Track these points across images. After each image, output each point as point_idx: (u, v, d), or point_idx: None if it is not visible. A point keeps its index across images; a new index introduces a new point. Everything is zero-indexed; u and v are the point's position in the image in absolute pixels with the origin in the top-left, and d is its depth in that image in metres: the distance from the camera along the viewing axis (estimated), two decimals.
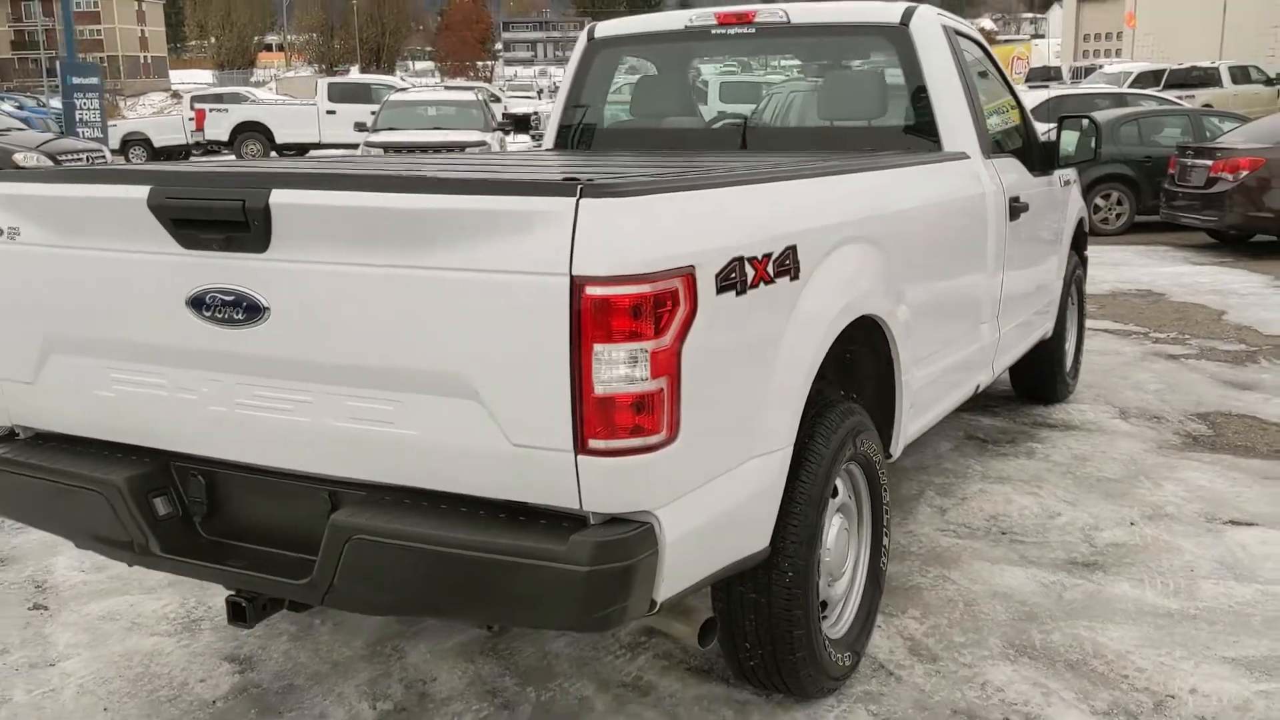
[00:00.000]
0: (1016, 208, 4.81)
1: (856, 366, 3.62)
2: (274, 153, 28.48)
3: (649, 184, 2.49)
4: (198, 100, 32.47)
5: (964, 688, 3.43)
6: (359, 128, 18.73)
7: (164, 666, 3.65)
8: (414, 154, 14.07)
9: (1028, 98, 14.79)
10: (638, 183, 2.46)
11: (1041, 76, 37.03)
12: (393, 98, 19.32)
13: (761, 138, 5.07)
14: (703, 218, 2.62)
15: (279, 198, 2.55)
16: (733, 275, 2.63)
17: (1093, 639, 3.70)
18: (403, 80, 34.27)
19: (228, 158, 28.07)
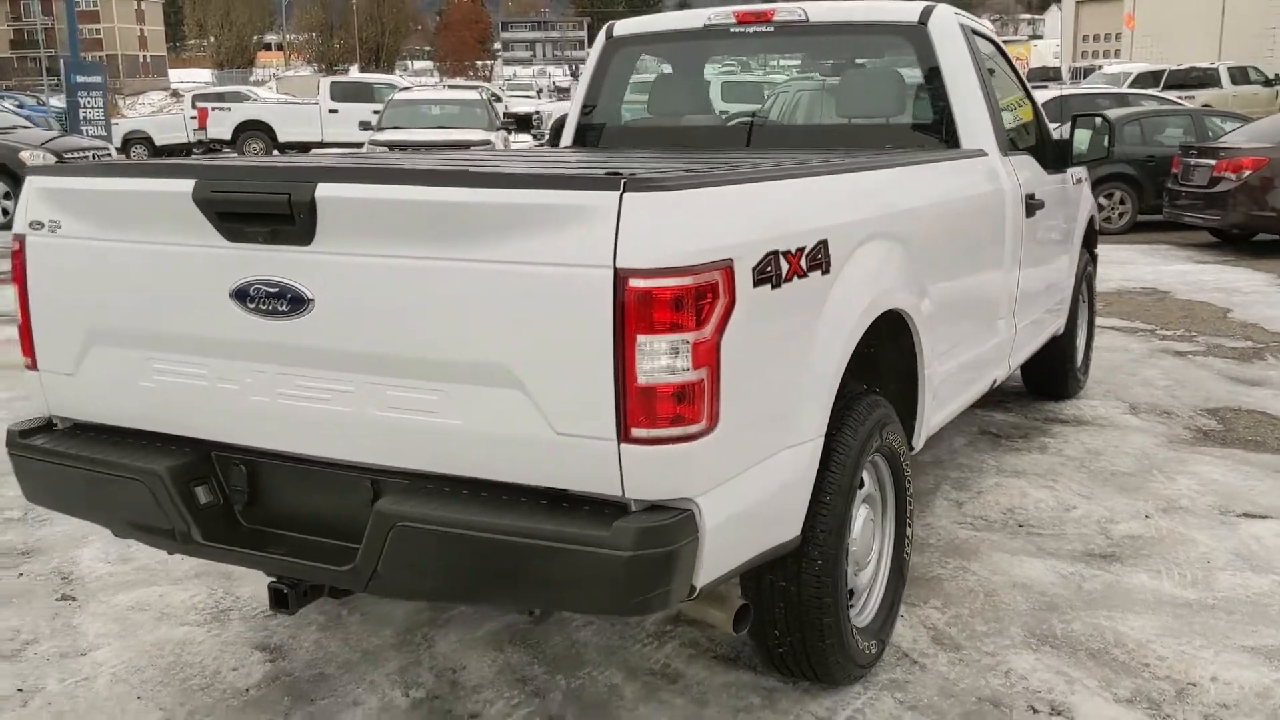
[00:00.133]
0: (1032, 205, 4.86)
1: (879, 360, 3.67)
2: (275, 151, 28.49)
3: (690, 178, 2.53)
4: (200, 99, 32.47)
5: (988, 676, 3.48)
6: (364, 126, 18.76)
7: (195, 656, 3.69)
8: (420, 152, 14.08)
9: None
10: (679, 177, 2.50)
11: (1040, 77, 37.03)
12: (397, 96, 19.34)
13: (780, 135, 5.12)
14: (740, 212, 2.66)
15: (325, 191, 2.59)
16: (768, 269, 2.68)
17: (1113, 628, 3.75)
18: (405, 80, 34.26)
19: (230, 156, 28.09)
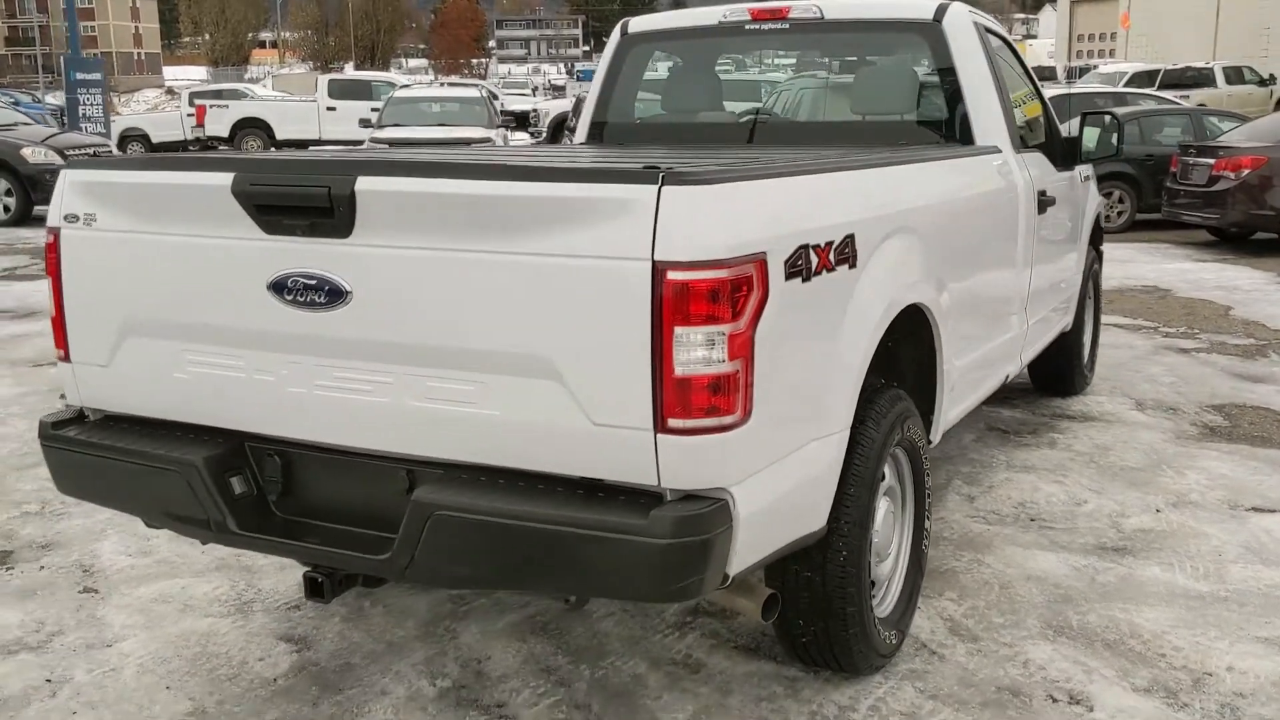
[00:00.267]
0: (1044, 201, 4.90)
1: (898, 355, 3.71)
2: (273, 149, 28.50)
3: (725, 173, 2.57)
4: (197, 96, 32.44)
5: (1006, 666, 3.52)
6: (364, 124, 18.78)
7: (221, 646, 3.72)
8: (423, 149, 14.12)
9: None
10: (715, 171, 2.54)
11: (1036, 76, 37.15)
12: (397, 94, 19.37)
13: (795, 133, 5.15)
14: (773, 206, 2.70)
15: (365, 184, 2.63)
16: (799, 262, 2.72)
17: (1128, 620, 3.80)
18: (404, 78, 34.25)
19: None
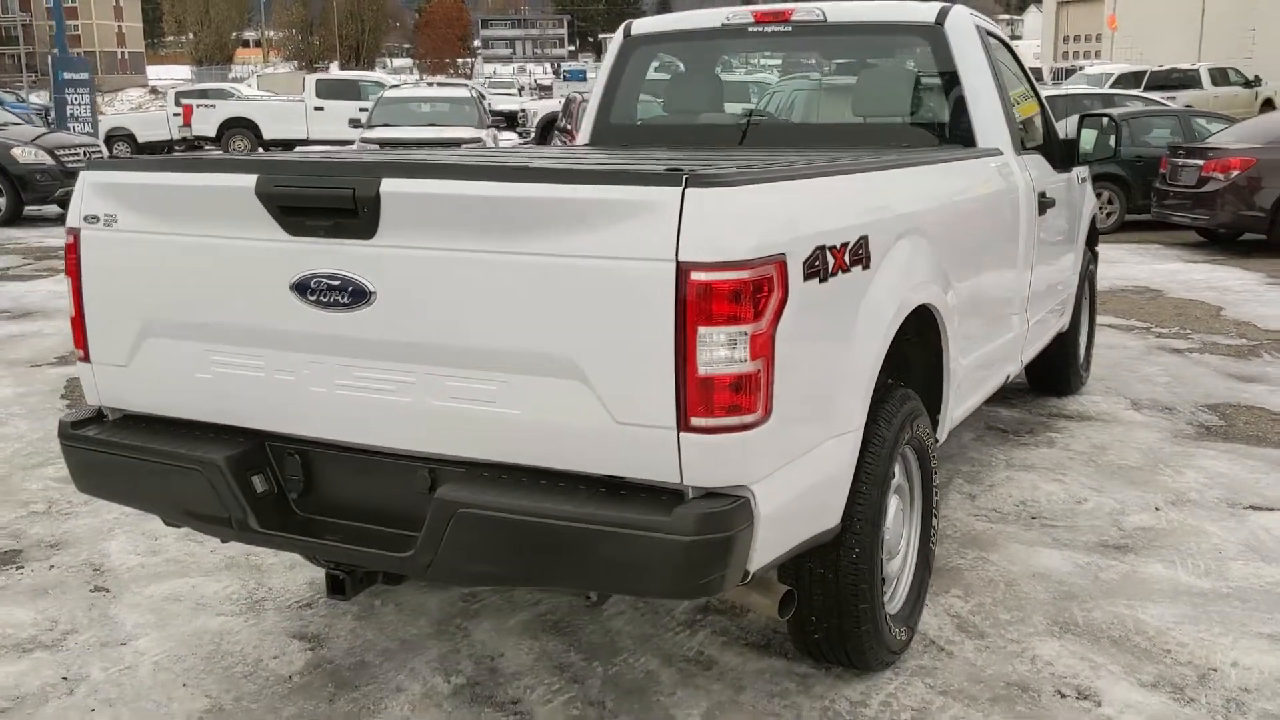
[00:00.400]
0: (1044, 203, 4.96)
1: (905, 354, 3.75)
2: (260, 149, 28.42)
3: (746, 175, 2.61)
4: (183, 96, 32.33)
5: (1014, 662, 3.57)
6: (354, 124, 18.77)
7: (235, 644, 3.74)
8: (413, 149, 14.11)
9: None
10: (736, 173, 2.58)
11: None
12: (387, 94, 19.34)
13: (800, 135, 5.19)
14: (792, 208, 2.74)
15: (389, 186, 2.66)
16: (817, 263, 2.76)
17: (1133, 616, 3.85)
18: (392, 78, 34.14)
19: (215, 153, 28.01)
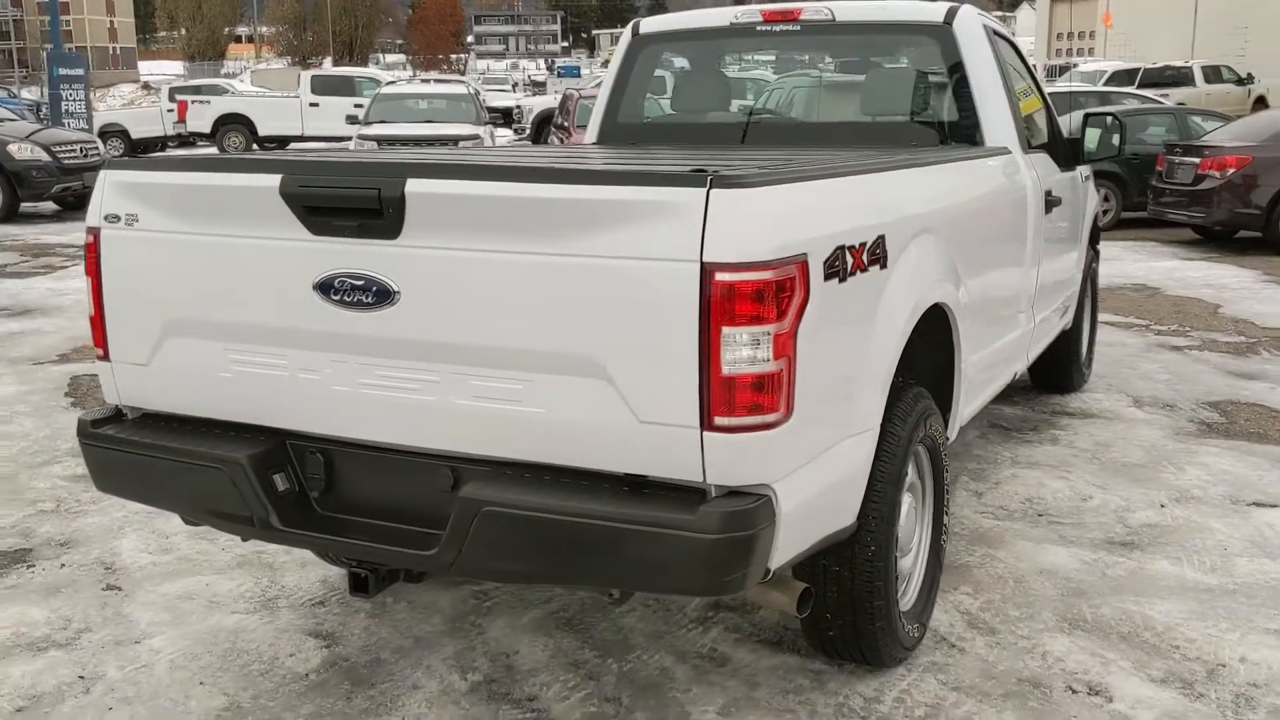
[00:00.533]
0: (1050, 201, 4.99)
1: (917, 353, 3.77)
2: (255, 145, 28.37)
3: (769, 175, 2.63)
4: (177, 92, 32.28)
5: (1025, 658, 3.60)
6: (350, 121, 18.76)
7: (251, 642, 3.76)
8: (409, 147, 14.13)
9: None
10: (760, 174, 2.60)
11: None
12: (384, 91, 19.34)
13: (809, 134, 5.20)
14: (813, 208, 2.77)
15: (415, 186, 2.67)
16: (836, 263, 2.79)
17: (1141, 612, 3.88)
18: (388, 74, 34.05)
19: (209, 150, 27.96)
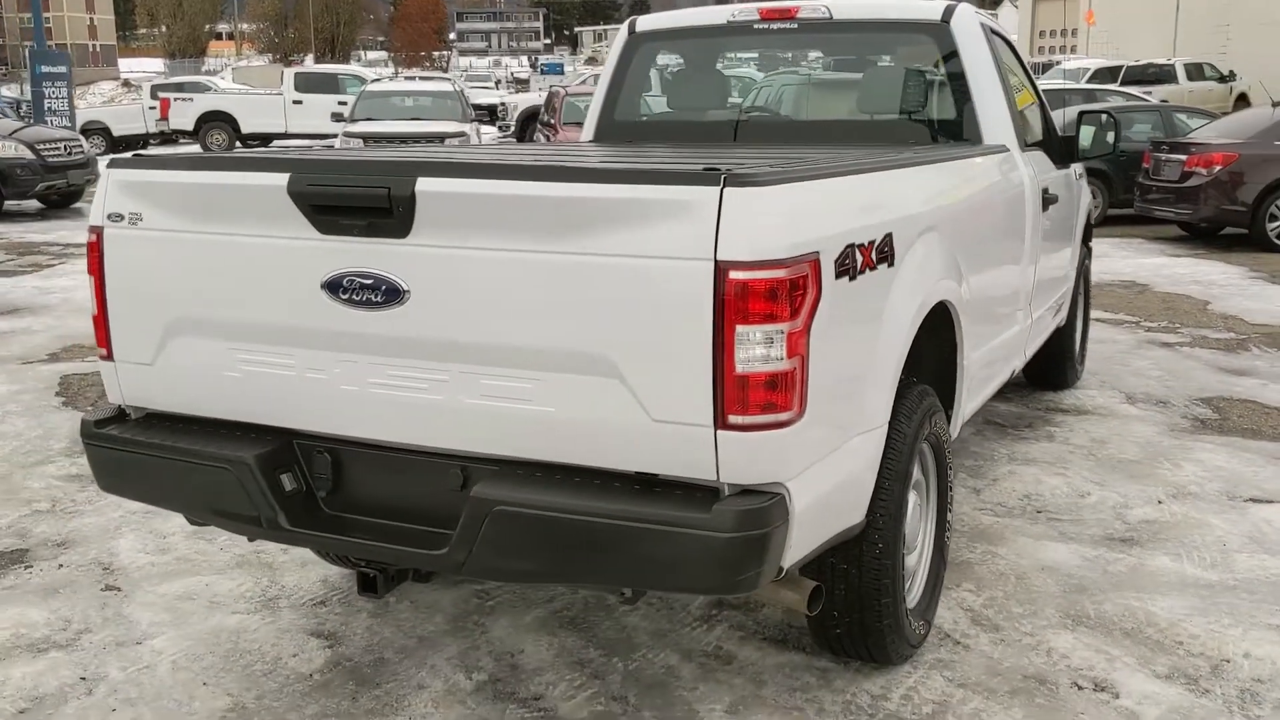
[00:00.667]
0: (1047, 199, 5.00)
1: (920, 351, 3.77)
2: (238, 143, 28.23)
3: (781, 173, 2.62)
4: (159, 89, 32.09)
5: (1030, 655, 3.61)
6: (336, 118, 18.69)
7: (253, 643, 3.74)
8: (397, 144, 14.07)
9: None
10: (772, 172, 2.59)
11: None
12: (369, 88, 19.26)
13: (803, 131, 5.21)
14: (824, 206, 2.77)
15: (425, 185, 2.66)
16: (847, 261, 2.78)
17: (1143, 608, 3.90)
18: (372, 72, 33.88)
19: (192, 148, 27.82)
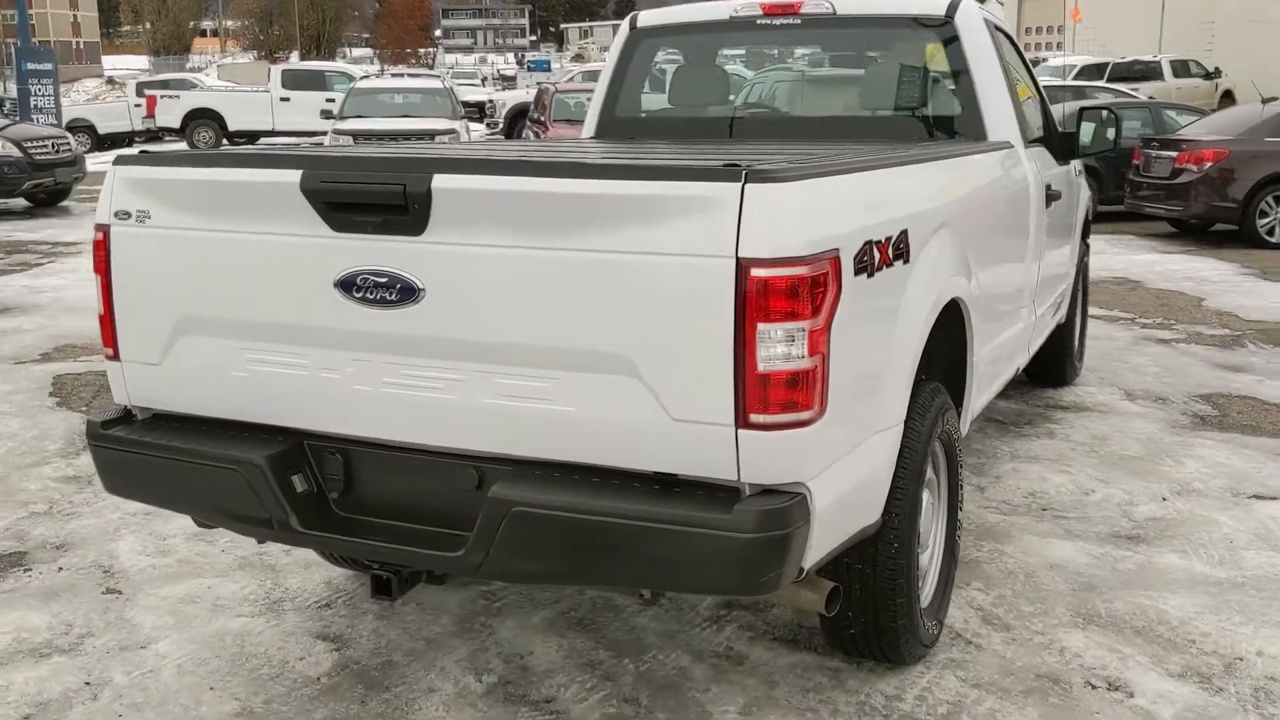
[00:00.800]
0: (1050, 195, 4.99)
1: (930, 348, 3.75)
2: (225, 140, 28.08)
3: (801, 170, 2.60)
4: (145, 87, 31.89)
5: (1042, 654, 3.59)
6: (325, 115, 18.61)
7: (259, 646, 3.70)
8: (388, 141, 14.00)
9: None
10: (792, 169, 2.56)
11: None
12: (358, 85, 19.17)
13: (807, 128, 5.18)
14: (843, 203, 2.74)
15: (441, 182, 2.62)
16: (865, 258, 2.76)
17: (1154, 606, 3.88)
18: (359, 69, 33.72)
19: (179, 145, 27.66)
